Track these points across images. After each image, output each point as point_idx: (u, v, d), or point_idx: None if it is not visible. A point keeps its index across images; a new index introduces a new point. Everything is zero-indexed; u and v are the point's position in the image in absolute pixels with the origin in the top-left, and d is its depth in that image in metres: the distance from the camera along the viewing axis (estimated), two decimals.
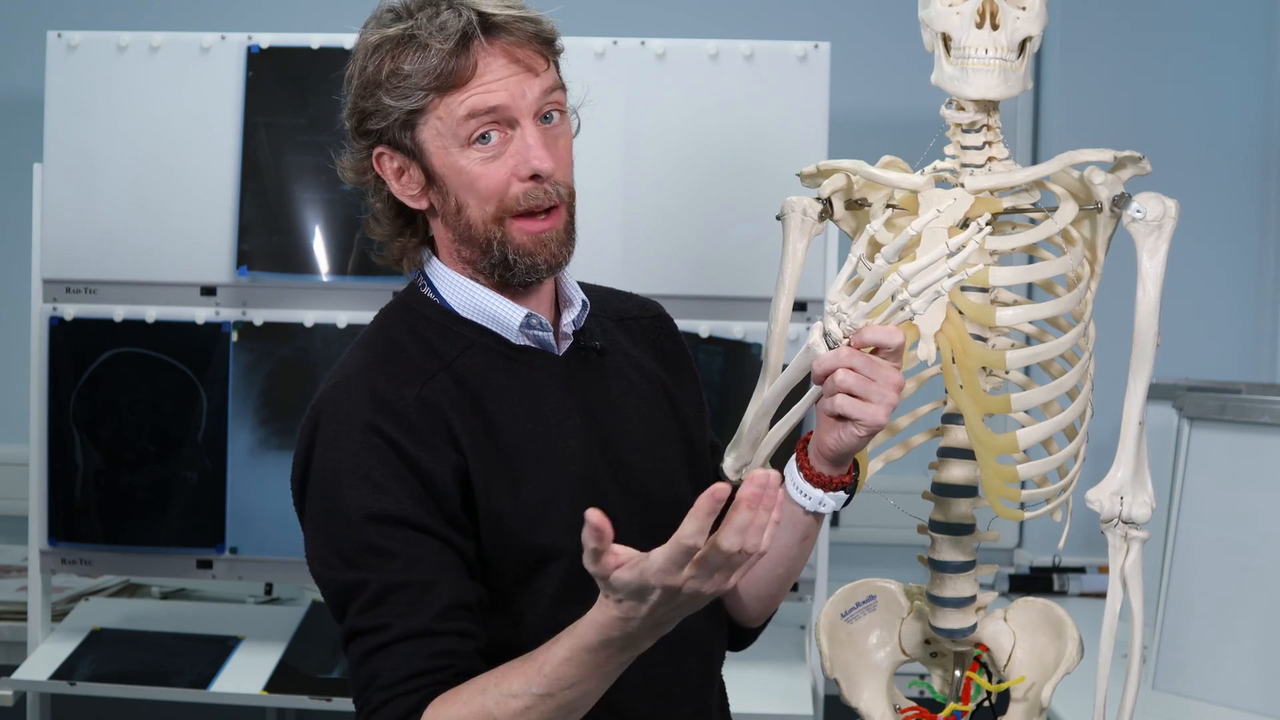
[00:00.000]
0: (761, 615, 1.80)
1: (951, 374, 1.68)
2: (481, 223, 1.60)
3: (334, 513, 1.55)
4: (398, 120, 1.58)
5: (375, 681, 1.50)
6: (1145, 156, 1.68)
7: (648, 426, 1.70)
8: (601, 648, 1.40)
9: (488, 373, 1.61)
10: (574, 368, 1.67)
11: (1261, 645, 2.43)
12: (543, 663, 1.44)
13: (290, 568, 2.87)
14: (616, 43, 2.83)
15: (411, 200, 1.63)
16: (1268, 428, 2.48)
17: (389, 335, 1.64)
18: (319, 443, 1.57)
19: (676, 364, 1.80)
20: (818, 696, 2.80)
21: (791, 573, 1.73)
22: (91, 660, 2.87)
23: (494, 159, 1.58)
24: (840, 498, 1.63)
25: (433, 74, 1.55)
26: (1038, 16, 1.69)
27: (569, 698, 1.44)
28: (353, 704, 1.55)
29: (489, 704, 1.45)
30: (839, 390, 1.51)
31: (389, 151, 1.61)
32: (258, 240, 2.88)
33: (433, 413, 1.56)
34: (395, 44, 1.57)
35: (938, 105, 1.74)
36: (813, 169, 1.79)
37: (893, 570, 1.99)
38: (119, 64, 2.90)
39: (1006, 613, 1.82)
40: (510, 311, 1.63)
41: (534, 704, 1.44)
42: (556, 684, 1.43)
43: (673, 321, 1.85)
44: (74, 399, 2.89)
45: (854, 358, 1.51)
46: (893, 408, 1.53)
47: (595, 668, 1.42)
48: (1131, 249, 1.67)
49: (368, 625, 1.51)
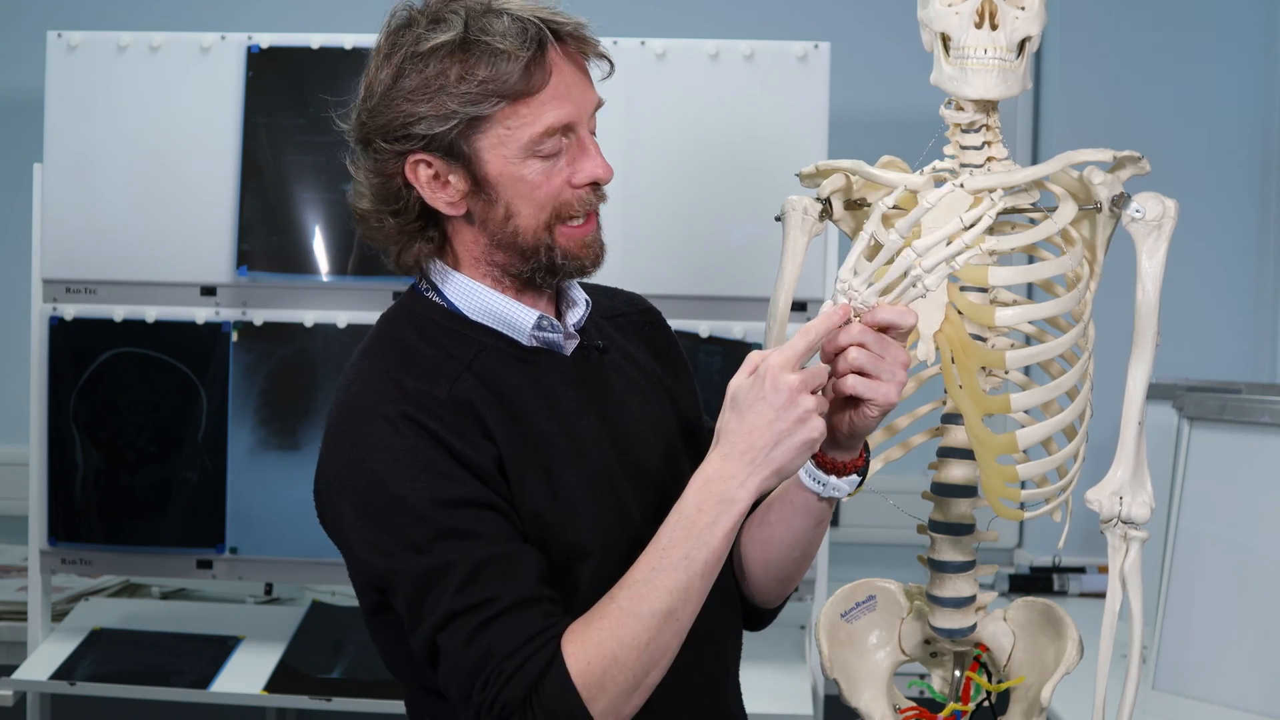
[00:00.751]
0: (779, 596, 1.81)
1: (951, 374, 1.68)
2: (532, 230, 1.59)
3: (394, 508, 1.52)
4: (456, 126, 1.55)
5: (496, 652, 1.47)
6: (1145, 156, 1.68)
7: (651, 421, 1.71)
8: (699, 491, 1.48)
9: (503, 374, 1.61)
10: (581, 367, 1.67)
11: (1261, 645, 2.43)
12: (658, 539, 1.49)
13: (290, 568, 2.87)
14: (616, 43, 2.83)
15: (448, 207, 1.60)
16: (1268, 428, 2.48)
17: (400, 340, 1.63)
18: (360, 445, 1.54)
19: (669, 357, 1.81)
20: (818, 696, 2.80)
21: (806, 555, 1.74)
22: (91, 660, 2.87)
23: (552, 167, 1.58)
24: (853, 481, 1.63)
25: (510, 79, 1.53)
26: (1037, 16, 1.69)
27: (698, 556, 1.48)
28: (454, 689, 1.50)
29: (622, 604, 1.48)
30: (850, 369, 1.52)
31: (428, 158, 1.58)
32: (258, 240, 2.89)
33: (466, 409, 1.56)
34: (455, 48, 1.54)
35: (937, 105, 1.74)
36: (812, 169, 1.79)
37: (893, 570, 1.99)
38: (119, 64, 2.91)
39: (1006, 613, 1.82)
40: (523, 314, 1.63)
41: (662, 578, 1.47)
42: (675, 548, 1.48)
43: (660, 315, 1.85)
44: (74, 399, 2.89)
45: (865, 334, 1.52)
46: (903, 386, 1.53)
47: (698, 517, 1.48)
48: (1131, 249, 1.67)
49: (468, 603, 1.48)
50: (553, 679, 1.46)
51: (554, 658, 1.46)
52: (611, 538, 1.59)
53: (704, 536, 1.48)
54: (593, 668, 1.46)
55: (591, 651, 1.47)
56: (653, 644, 1.47)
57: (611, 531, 1.59)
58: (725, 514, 1.48)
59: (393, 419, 1.54)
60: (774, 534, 1.71)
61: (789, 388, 1.46)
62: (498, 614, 1.48)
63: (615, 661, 1.46)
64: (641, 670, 1.48)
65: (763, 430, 1.47)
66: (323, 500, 1.60)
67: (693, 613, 1.50)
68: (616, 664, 1.46)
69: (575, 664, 1.46)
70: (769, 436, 1.47)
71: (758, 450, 1.48)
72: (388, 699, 2.71)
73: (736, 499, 1.48)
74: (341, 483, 1.56)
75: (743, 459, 1.48)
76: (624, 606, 1.48)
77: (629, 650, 1.47)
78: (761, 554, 1.74)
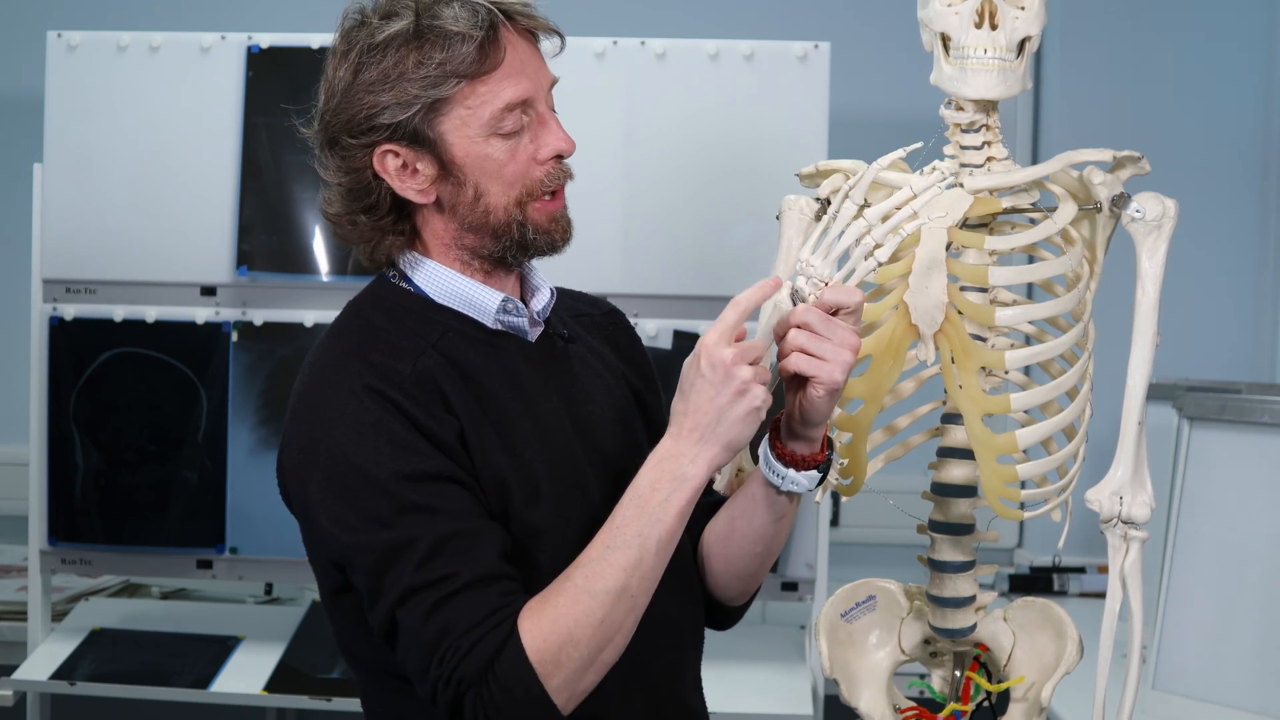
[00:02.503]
0: (742, 594, 1.81)
1: (951, 374, 1.68)
2: (503, 208, 1.62)
3: (358, 481, 1.53)
4: (418, 112, 1.58)
5: (454, 628, 1.48)
6: (1145, 156, 1.68)
7: (614, 411, 1.72)
8: (653, 470, 1.51)
9: (468, 353, 1.63)
10: (544, 353, 1.69)
11: (1261, 645, 2.43)
12: (613, 518, 1.52)
13: (290, 568, 2.88)
14: (616, 43, 2.83)
15: (419, 195, 1.63)
16: (1268, 428, 2.48)
17: (365, 321, 1.65)
18: (324, 418, 1.56)
19: (633, 357, 1.83)
20: (818, 696, 2.80)
21: (770, 551, 1.74)
22: (91, 660, 2.87)
23: (516, 144, 1.61)
24: (813, 477, 1.63)
25: (468, 60, 1.57)
26: (1037, 16, 1.69)
27: (651, 534, 1.50)
28: (411, 664, 1.52)
29: (578, 581, 1.50)
30: (793, 349, 1.53)
31: (395, 147, 1.60)
32: (258, 240, 2.89)
33: (429, 383, 1.57)
34: (409, 37, 1.57)
35: (937, 105, 1.74)
36: (812, 169, 1.80)
37: (893, 570, 1.99)
38: (119, 64, 2.91)
39: (1006, 613, 1.82)
40: (487, 296, 1.65)
41: (615, 555, 1.50)
42: (629, 525, 1.51)
43: (624, 316, 1.88)
44: (74, 399, 2.89)
45: (808, 314, 1.53)
46: (848, 367, 1.53)
47: (651, 495, 1.51)
48: (1131, 249, 1.67)
49: (428, 579, 1.50)
50: (509, 655, 1.47)
51: (510, 634, 1.48)
52: (571, 518, 1.60)
53: (657, 514, 1.51)
54: (548, 644, 1.48)
55: (547, 628, 1.48)
56: (607, 621, 1.49)
57: (572, 512, 1.61)
58: (678, 491, 1.51)
59: (357, 392, 1.56)
60: (735, 528, 1.72)
61: (723, 362, 1.50)
62: (457, 590, 1.49)
63: (570, 638, 1.48)
64: (596, 647, 1.50)
65: (705, 407, 1.51)
66: (286, 475, 1.62)
67: (648, 591, 1.52)
68: (571, 640, 1.48)
69: (531, 640, 1.48)
70: (712, 412, 1.51)
71: (704, 427, 1.51)
72: None
73: (689, 476, 1.51)
74: (305, 456, 1.57)
75: (690, 436, 1.52)
76: (578, 584, 1.50)
77: (583, 627, 1.48)
78: (723, 550, 1.74)
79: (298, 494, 1.60)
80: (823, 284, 1.55)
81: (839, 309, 1.54)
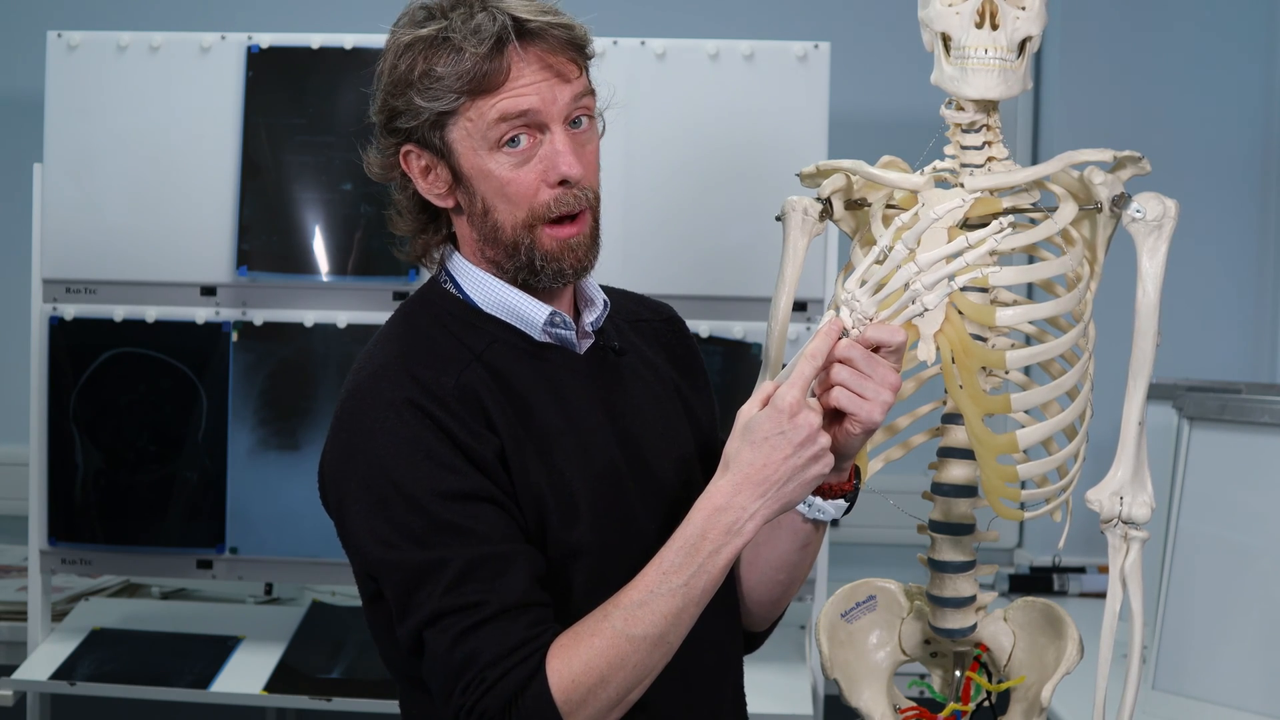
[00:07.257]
0: (765, 621, 1.80)
1: (951, 374, 1.68)
2: (510, 227, 1.60)
3: (395, 494, 1.52)
4: (427, 120, 1.58)
5: (479, 658, 1.47)
6: (1145, 156, 1.68)
7: (664, 427, 1.70)
8: (707, 518, 1.48)
9: (513, 366, 1.61)
10: (594, 367, 1.67)
11: (1261, 645, 2.43)
12: (659, 561, 1.49)
13: (290, 568, 2.87)
14: (616, 43, 2.83)
15: (438, 199, 1.63)
16: (1268, 428, 2.48)
17: (415, 328, 1.64)
18: (365, 429, 1.55)
19: (689, 367, 1.80)
20: (818, 696, 2.80)
21: (794, 579, 1.73)
22: (91, 660, 2.87)
23: (523, 164, 1.58)
24: (840, 505, 1.63)
25: (465, 76, 1.55)
26: (1037, 16, 1.69)
27: (698, 584, 1.48)
28: (436, 686, 1.51)
29: (616, 624, 1.48)
30: (834, 384, 1.52)
31: (417, 150, 1.61)
32: (258, 240, 2.88)
33: (471, 399, 1.56)
34: (428, 44, 1.57)
35: (938, 105, 1.74)
36: (812, 169, 1.79)
37: (893, 570, 1.99)
38: (119, 64, 2.90)
39: (1006, 613, 1.82)
40: (535, 309, 1.63)
41: (660, 602, 1.48)
42: (676, 573, 1.48)
43: (684, 324, 1.85)
44: (74, 399, 2.89)
45: (852, 350, 1.51)
46: (888, 407, 1.52)
47: (702, 544, 1.48)
48: (1131, 249, 1.67)
49: (456, 604, 1.49)
50: (533, 693, 1.46)
51: (537, 671, 1.47)
52: (611, 538, 1.59)
53: (706, 565, 1.49)
54: (578, 685, 1.47)
55: (579, 669, 1.47)
56: (641, 665, 1.49)
57: (612, 532, 1.59)
58: (729, 544, 1.49)
59: (398, 406, 1.55)
60: (760, 555, 1.71)
61: (809, 426, 1.47)
62: (485, 619, 1.48)
63: (602, 680, 1.47)
64: (625, 689, 1.49)
65: (778, 465, 1.48)
66: (326, 482, 1.61)
67: (683, 636, 1.51)
68: (603, 683, 1.48)
69: (559, 680, 1.47)
70: (784, 471, 1.48)
71: (771, 484, 1.48)
72: (388, 699, 2.71)
73: (744, 531, 1.49)
74: (345, 465, 1.57)
75: (755, 491, 1.48)
76: (617, 627, 1.48)
77: (617, 670, 1.48)
78: (747, 575, 1.74)
79: (335, 500, 1.60)
80: (867, 320, 1.53)
81: (881, 346, 1.52)
